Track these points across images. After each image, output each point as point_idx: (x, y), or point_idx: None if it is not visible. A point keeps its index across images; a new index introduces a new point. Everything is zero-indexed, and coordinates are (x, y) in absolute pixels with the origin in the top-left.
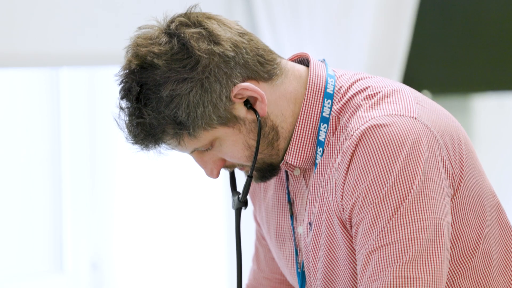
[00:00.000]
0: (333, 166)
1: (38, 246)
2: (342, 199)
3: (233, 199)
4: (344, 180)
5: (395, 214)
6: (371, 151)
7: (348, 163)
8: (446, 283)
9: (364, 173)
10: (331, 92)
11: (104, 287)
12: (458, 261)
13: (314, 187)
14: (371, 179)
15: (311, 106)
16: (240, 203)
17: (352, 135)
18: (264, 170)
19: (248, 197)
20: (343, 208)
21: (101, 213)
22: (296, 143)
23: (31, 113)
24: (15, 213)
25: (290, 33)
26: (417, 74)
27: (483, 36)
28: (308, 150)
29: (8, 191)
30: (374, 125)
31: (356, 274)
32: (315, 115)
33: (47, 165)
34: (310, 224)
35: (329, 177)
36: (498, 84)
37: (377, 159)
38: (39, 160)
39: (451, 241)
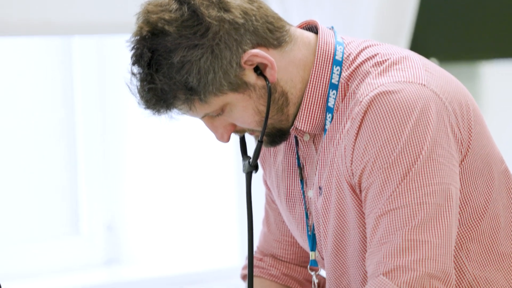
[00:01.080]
0: (342, 132)
1: (54, 209)
2: (351, 164)
3: (244, 163)
4: (354, 146)
5: (404, 179)
6: (380, 118)
7: (357, 129)
8: (455, 246)
9: (373, 139)
10: (340, 59)
11: (119, 248)
12: (466, 225)
13: (324, 152)
14: (380, 145)
15: (320, 73)
16: (251, 167)
17: (361, 102)
18: (274, 135)
19: (258, 161)
20: (352, 173)
21: (115, 176)
22: (306, 109)
23: (44, 81)
24: (31, 178)
25: (297, 1)
26: (424, 42)
27: (491, 3)
28: (318, 116)
29: (24, 157)
30: (383, 92)
31: (366, 237)
32: (324, 82)
33: (61, 131)
34: (320, 188)
35: (338, 142)
36: (506, 51)
37: (386, 125)
38: (53, 127)
39: (459, 206)
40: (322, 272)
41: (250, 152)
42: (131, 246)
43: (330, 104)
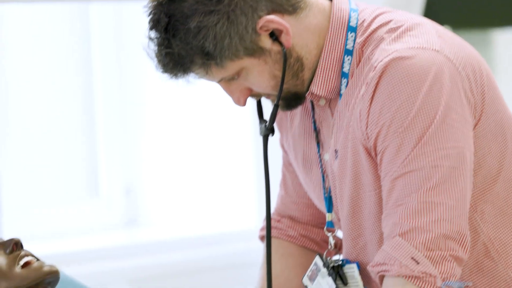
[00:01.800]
0: (357, 96)
1: (74, 173)
2: (366, 128)
3: (260, 126)
4: (369, 110)
5: (418, 142)
6: (394, 83)
7: (372, 94)
8: (469, 208)
9: (388, 103)
10: (354, 26)
11: (138, 210)
12: (480, 187)
13: (339, 116)
14: (395, 109)
15: (335, 39)
16: (267, 130)
17: (375, 67)
18: (289, 99)
19: (275, 124)
20: (367, 137)
21: (133, 139)
22: (321, 74)
23: (62, 47)
24: (52, 143)
25: None
26: (438, 9)
27: None
28: (333, 81)
29: (43, 122)
30: (397, 58)
31: (381, 199)
32: (339, 48)
33: (79, 95)
34: (336, 151)
35: (353, 107)
36: None
37: (400, 90)
38: (72, 91)
39: (473, 169)
40: (339, 233)
41: (267, 115)
42: (150, 208)
43: (345, 69)
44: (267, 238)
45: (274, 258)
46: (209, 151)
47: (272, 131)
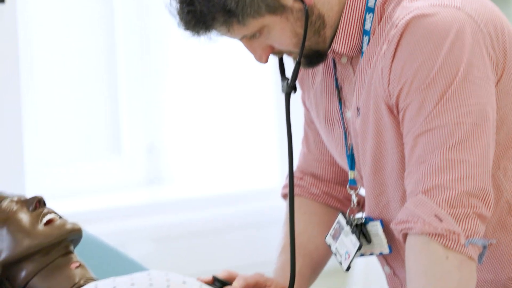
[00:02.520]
0: (379, 54)
1: (96, 130)
2: (388, 85)
3: (282, 84)
4: (390, 68)
5: (441, 99)
6: (416, 40)
7: (393, 51)
8: (492, 166)
9: (409, 61)
10: None
11: (159, 168)
12: (503, 144)
13: (361, 74)
14: (417, 66)
15: None
16: (289, 88)
17: (397, 25)
18: (311, 57)
19: (297, 82)
20: (389, 94)
21: (156, 97)
22: (343, 31)
23: (85, 7)
24: (74, 100)
25: None
26: None
27: None
28: (355, 38)
29: (67, 80)
30: (419, 15)
31: (404, 157)
32: (361, 5)
33: (103, 53)
34: (358, 109)
35: (375, 64)
36: None
37: (422, 47)
38: (95, 50)
39: (496, 125)
40: (362, 191)
41: (289, 73)
42: (172, 166)
43: (367, 27)
44: (290, 196)
45: (297, 216)
46: (231, 109)
47: (294, 88)
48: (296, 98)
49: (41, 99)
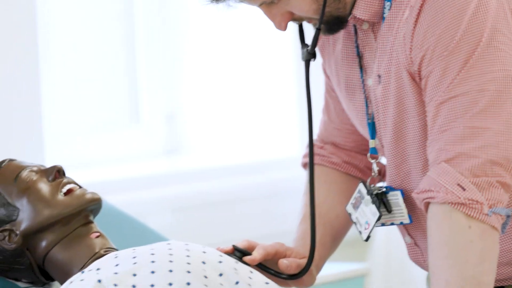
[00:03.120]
0: (401, 20)
1: (115, 99)
2: (410, 52)
3: (302, 51)
4: (413, 34)
5: (464, 66)
6: (438, 5)
7: (416, 17)
8: None
9: (432, 27)
10: None
11: (178, 137)
12: None
13: (383, 40)
14: (440, 32)
15: None
16: (309, 55)
17: None
18: (331, 23)
19: (318, 50)
20: (411, 61)
21: (175, 65)
22: None
23: None
24: (92, 69)
25: None
26: None
27: None
28: (376, 4)
29: (85, 47)
30: None
31: (426, 125)
32: None
33: (121, 20)
34: (379, 76)
35: (397, 31)
36: None
37: (445, 13)
38: (113, 16)
39: None
40: (383, 160)
41: (309, 40)
42: (191, 135)
43: None
44: (310, 164)
45: (317, 185)
46: (250, 77)
47: (314, 55)
48: (316, 65)
49: (59, 69)
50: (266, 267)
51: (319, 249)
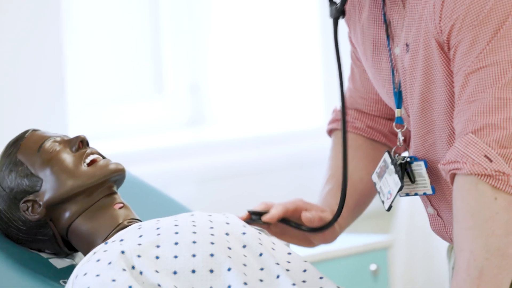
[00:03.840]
0: None
1: (139, 69)
2: (440, 21)
3: (330, 9)
4: (442, 3)
5: (494, 36)
6: None
7: None
8: None
9: None
10: None
11: (202, 108)
12: None
13: (412, 8)
14: (470, 2)
15: None
16: (338, 12)
17: None
18: None
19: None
20: (441, 30)
21: (199, 36)
22: None
23: None
24: (116, 38)
25: None
26: None
27: None
28: None
29: (109, 16)
30: None
31: (453, 96)
32: None
33: None
34: (407, 45)
35: None
36: None
37: None
38: None
39: None
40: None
41: None
42: (215, 106)
43: None
44: (343, 123)
45: (340, 151)
46: (275, 46)
47: (342, 13)
48: (341, 35)
49: (83, 39)
50: (287, 220)
51: (343, 210)
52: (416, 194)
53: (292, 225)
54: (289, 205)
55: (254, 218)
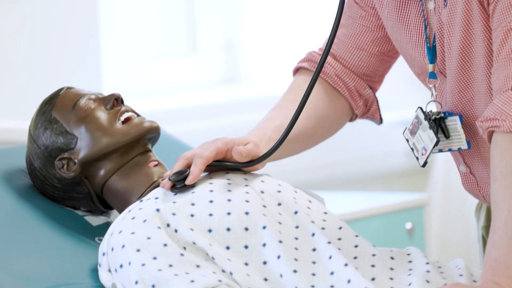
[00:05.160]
0: None
1: (173, 28)
2: None
3: None
4: None
5: None
6: None
7: None
8: None
9: None
10: None
11: (237, 66)
12: None
13: None
14: None
15: None
16: None
17: None
18: None
19: None
20: None
21: None
22: None
23: None
24: None
25: None
26: None
27: None
28: None
29: None
30: None
31: (492, 52)
32: None
33: None
34: (445, 0)
35: None
36: None
37: None
38: None
39: None
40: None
41: None
42: (250, 64)
43: None
44: (319, 67)
45: (298, 93)
46: (310, 4)
47: None
48: None
49: None
50: (220, 161)
51: (276, 134)
52: (450, 150)
53: (223, 165)
54: (209, 155)
55: (178, 186)
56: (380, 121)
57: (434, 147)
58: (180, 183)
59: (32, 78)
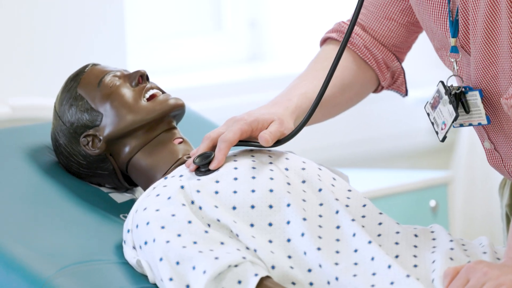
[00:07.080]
0: None
1: (198, 5)
2: None
3: None
4: None
5: None
6: None
7: None
8: None
9: None
10: None
11: (262, 44)
12: None
13: None
14: None
15: None
16: None
17: None
18: None
19: None
20: None
21: None
22: None
23: None
24: None
25: None
26: None
27: None
28: None
29: None
30: None
31: None
32: None
33: None
34: None
35: None
36: None
37: None
38: None
39: None
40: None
41: None
42: (275, 41)
43: None
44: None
45: (326, 62)
46: None
47: None
48: None
49: None
50: (244, 141)
51: (301, 101)
52: (470, 125)
53: (248, 145)
54: (233, 138)
55: (203, 169)
56: (406, 93)
57: (453, 122)
58: (204, 167)
59: (57, 55)
